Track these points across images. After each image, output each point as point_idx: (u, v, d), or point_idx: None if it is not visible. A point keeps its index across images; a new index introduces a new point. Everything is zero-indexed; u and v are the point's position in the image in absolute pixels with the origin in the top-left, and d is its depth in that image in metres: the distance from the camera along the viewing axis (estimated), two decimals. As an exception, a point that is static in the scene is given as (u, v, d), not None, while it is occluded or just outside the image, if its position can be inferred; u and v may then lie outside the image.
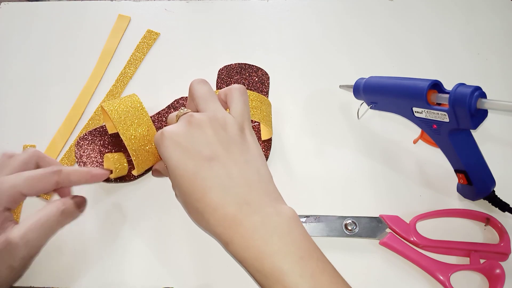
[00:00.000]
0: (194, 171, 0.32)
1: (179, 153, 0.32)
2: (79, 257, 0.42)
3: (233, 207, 0.31)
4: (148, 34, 0.58)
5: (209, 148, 0.33)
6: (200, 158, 0.32)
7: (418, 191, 0.46)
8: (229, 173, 0.32)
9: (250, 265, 0.30)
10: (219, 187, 0.31)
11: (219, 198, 0.31)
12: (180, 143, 0.33)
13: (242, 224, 0.30)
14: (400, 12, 0.61)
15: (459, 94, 0.36)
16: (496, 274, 0.39)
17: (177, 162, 0.32)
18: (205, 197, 0.31)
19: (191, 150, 0.32)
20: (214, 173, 0.32)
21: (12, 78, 0.55)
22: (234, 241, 0.30)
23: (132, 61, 0.56)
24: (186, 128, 0.34)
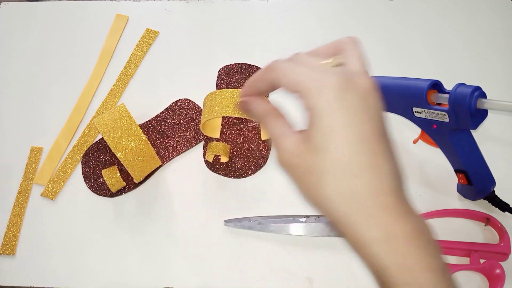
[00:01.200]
0: (361, 142, 0.26)
1: (346, 111, 0.26)
2: (79, 257, 0.42)
3: (394, 199, 0.26)
4: (148, 33, 0.58)
5: (379, 123, 0.27)
6: (372, 128, 0.27)
7: (418, 191, 0.46)
8: (392, 159, 0.27)
9: (398, 273, 0.25)
10: (382, 171, 0.26)
11: (384, 183, 0.26)
12: (349, 100, 0.26)
13: (403, 221, 0.25)
14: (400, 12, 0.61)
15: (459, 94, 0.36)
16: (496, 274, 0.39)
17: (342, 122, 0.26)
18: (364, 176, 0.26)
19: (361, 115, 0.26)
20: (382, 152, 0.27)
21: (12, 77, 0.55)
22: (389, 239, 0.25)
23: (132, 60, 0.56)
24: (358, 84, 0.27)
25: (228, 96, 0.44)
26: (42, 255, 0.43)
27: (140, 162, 0.43)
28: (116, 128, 0.42)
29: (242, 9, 0.62)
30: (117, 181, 0.44)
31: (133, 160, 0.43)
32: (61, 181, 0.47)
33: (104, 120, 0.43)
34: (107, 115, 0.43)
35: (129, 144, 0.42)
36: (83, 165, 0.47)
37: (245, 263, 0.42)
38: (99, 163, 0.47)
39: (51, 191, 0.46)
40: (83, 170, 0.47)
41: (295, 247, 0.42)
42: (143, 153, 0.43)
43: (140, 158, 0.43)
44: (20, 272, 0.42)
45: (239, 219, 0.43)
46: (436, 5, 0.62)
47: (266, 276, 0.41)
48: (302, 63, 0.30)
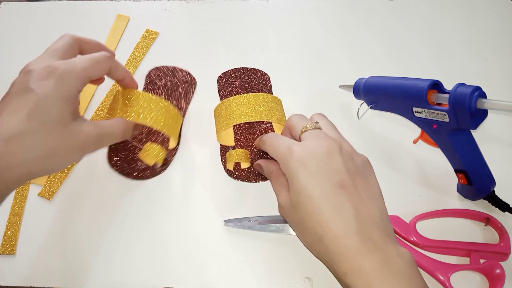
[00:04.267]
0: (322, 195, 0.32)
1: (308, 175, 0.32)
2: (79, 257, 0.42)
3: (357, 239, 0.30)
4: (147, 34, 0.58)
5: (338, 176, 0.32)
6: (329, 183, 0.32)
7: (418, 191, 0.46)
8: (355, 204, 0.31)
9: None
10: (345, 216, 0.31)
11: (344, 227, 0.30)
12: (308, 165, 0.33)
13: (366, 258, 0.29)
14: (400, 12, 0.61)
15: (459, 94, 0.36)
16: (496, 274, 0.39)
17: (305, 183, 0.32)
18: (329, 223, 0.31)
19: (320, 174, 0.32)
20: (342, 201, 0.31)
21: (12, 78, 0.55)
22: (354, 274, 0.29)
23: (132, 61, 0.56)
24: (315, 151, 0.33)
25: (244, 101, 0.45)
26: (42, 255, 0.43)
27: (171, 122, 0.45)
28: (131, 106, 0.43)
29: (242, 9, 0.62)
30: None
31: (165, 122, 0.44)
32: (59, 181, 0.47)
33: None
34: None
35: (150, 111, 0.43)
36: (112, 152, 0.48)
37: (245, 263, 0.42)
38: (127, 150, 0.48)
39: (48, 191, 0.46)
40: (113, 158, 0.48)
41: (295, 247, 0.42)
42: (168, 112, 0.45)
43: (169, 119, 0.45)
44: (20, 272, 0.42)
45: (239, 219, 0.43)
46: (436, 5, 0.62)
47: (266, 276, 0.41)
48: (278, 138, 0.38)
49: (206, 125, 0.51)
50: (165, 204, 0.45)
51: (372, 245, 0.30)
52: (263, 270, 0.41)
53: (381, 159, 0.48)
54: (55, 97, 0.34)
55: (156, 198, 0.46)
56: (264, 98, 0.46)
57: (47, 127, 0.33)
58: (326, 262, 0.32)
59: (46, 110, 0.33)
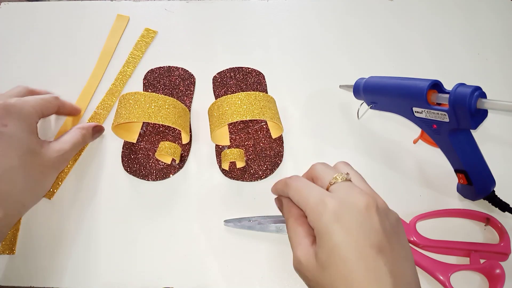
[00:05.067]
0: (358, 257, 0.28)
1: (343, 233, 0.29)
2: (79, 257, 0.42)
3: None
4: (146, 33, 0.58)
5: (377, 237, 0.29)
6: (367, 245, 0.29)
7: (418, 191, 0.46)
8: (393, 271, 0.28)
9: None
10: (382, 284, 0.28)
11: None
12: (345, 222, 0.29)
13: None
14: (400, 12, 0.61)
15: (459, 94, 0.36)
16: (496, 274, 0.39)
17: (341, 242, 0.29)
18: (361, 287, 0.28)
19: (358, 233, 0.29)
20: (379, 266, 0.28)
21: (12, 78, 0.55)
22: None
23: (131, 60, 0.56)
24: (353, 206, 0.30)
25: (236, 100, 0.45)
26: (42, 255, 0.43)
27: (181, 118, 0.46)
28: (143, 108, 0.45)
29: (242, 9, 0.62)
30: (176, 149, 0.47)
31: (175, 118, 0.46)
32: (59, 180, 0.47)
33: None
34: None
35: (159, 110, 0.45)
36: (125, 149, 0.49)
37: (245, 263, 0.42)
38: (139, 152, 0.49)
39: (49, 191, 0.46)
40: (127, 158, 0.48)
41: (295, 247, 0.42)
42: (176, 107, 0.47)
43: (178, 114, 0.46)
44: (20, 272, 0.42)
45: (239, 219, 0.43)
46: (436, 5, 0.62)
47: (266, 276, 0.41)
48: (308, 184, 0.33)
49: (206, 125, 0.51)
50: (165, 204, 0.45)
51: None
52: (263, 270, 0.41)
53: (381, 159, 0.48)
54: (21, 132, 0.38)
55: (156, 199, 0.46)
56: (256, 97, 0.46)
57: (25, 161, 0.37)
58: None
59: (19, 146, 0.37)
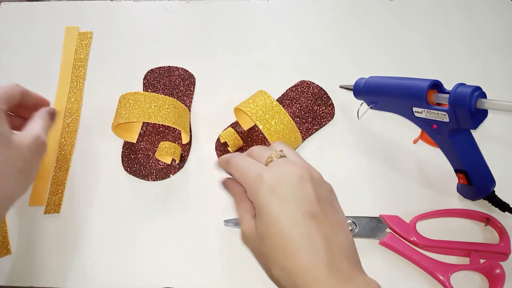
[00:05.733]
0: (292, 226, 0.30)
1: (278, 204, 0.31)
2: (79, 257, 0.42)
3: (326, 272, 0.29)
4: (81, 35, 0.58)
5: (310, 205, 0.31)
6: (300, 213, 0.30)
7: (418, 191, 0.46)
8: (325, 235, 0.30)
9: None
10: (315, 248, 0.30)
11: (313, 259, 0.29)
12: (279, 193, 0.31)
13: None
14: (400, 12, 0.61)
15: (459, 94, 0.36)
16: (496, 274, 0.39)
17: (276, 213, 0.30)
18: (299, 256, 0.29)
19: (292, 203, 0.31)
20: (312, 232, 0.30)
21: (12, 78, 0.55)
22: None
23: (80, 64, 0.56)
24: (287, 178, 0.32)
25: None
26: (42, 255, 0.43)
27: (181, 118, 0.46)
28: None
29: (242, 9, 0.62)
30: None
31: (175, 118, 0.45)
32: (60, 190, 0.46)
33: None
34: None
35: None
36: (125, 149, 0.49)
37: (245, 263, 0.42)
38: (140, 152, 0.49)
39: (54, 205, 0.45)
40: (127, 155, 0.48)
41: (295, 247, 0.42)
42: (176, 107, 0.46)
43: (178, 114, 0.46)
44: (20, 272, 0.42)
45: (239, 219, 0.43)
46: (436, 5, 0.62)
47: (266, 276, 0.41)
48: (246, 161, 0.35)
49: (206, 125, 0.51)
50: (165, 204, 0.45)
51: (341, 276, 0.29)
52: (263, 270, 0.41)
53: (381, 159, 0.48)
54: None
55: (156, 199, 0.46)
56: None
57: (3, 152, 0.35)
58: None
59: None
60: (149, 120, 0.44)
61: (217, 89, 0.54)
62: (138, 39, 0.58)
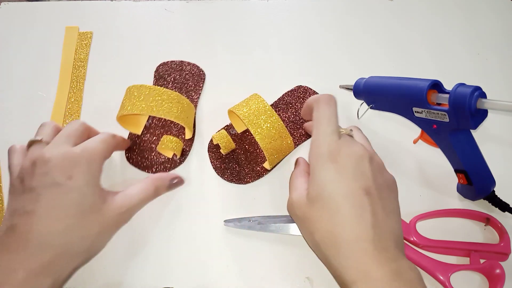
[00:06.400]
0: (345, 194, 0.31)
1: (336, 171, 0.32)
2: (79, 257, 0.42)
3: (373, 247, 0.29)
4: (81, 36, 0.58)
5: (366, 182, 0.32)
6: (355, 186, 0.31)
7: (418, 191, 0.46)
8: (376, 213, 0.31)
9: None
10: (364, 222, 0.30)
11: (361, 232, 0.30)
12: (340, 163, 0.32)
13: (379, 267, 0.29)
14: (400, 12, 0.61)
15: (459, 94, 0.36)
16: (496, 274, 0.39)
17: (332, 179, 0.31)
18: (347, 225, 0.30)
19: (349, 174, 0.31)
20: (364, 205, 0.31)
21: (12, 78, 0.55)
22: (364, 282, 0.28)
23: (80, 64, 0.56)
24: (349, 153, 0.33)
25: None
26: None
27: (184, 113, 0.46)
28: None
29: (242, 9, 0.62)
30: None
31: (178, 113, 0.45)
32: None
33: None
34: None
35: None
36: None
37: (245, 263, 0.42)
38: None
39: None
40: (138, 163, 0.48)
41: (295, 247, 0.42)
42: (180, 102, 0.46)
43: (182, 109, 0.46)
44: (20, 272, 0.42)
45: (239, 219, 0.43)
46: (436, 5, 0.62)
47: (266, 276, 0.41)
48: (331, 119, 0.35)
49: (211, 121, 0.51)
50: (165, 204, 0.45)
51: (386, 254, 0.29)
52: (263, 270, 0.41)
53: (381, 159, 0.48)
54: (86, 186, 0.33)
55: (156, 199, 0.46)
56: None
57: (85, 219, 0.33)
58: (333, 266, 0.30)
59: (81, 202, 0.33)
60: (151, 114, 0.44)
61: (217, 89, 0.54)
62: (138, 39, 0.58)
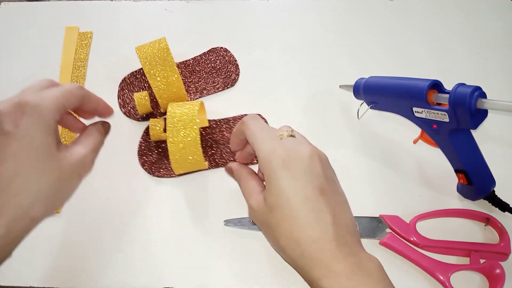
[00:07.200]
0: (302, 198, 0.32)
1: (289, 176, 0.32)
2: (79, 257, 0.42)
3: (334, 244, 0.31)
4: (81, 36, 0.58)
5: (319, 181, 0.33)
6: (310, 188, 0.32)
7: (418, 191, 0.46)
8: (333, 211, 0.32)
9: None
10: (323, 221, 0.31)
11: (321, 231, 0.31)
12: (292, 168, 0.33)
13: (341, 262, 0.30)
14: (400, 12, 0.61)
15: (459, 94, 0.36)
16: (496, 274, 0.39)
17: (286, 186, 0.32)
18: (308, 227, 0.31)
19: (302, 178, 0.32)
20: (321, 206, 0.32)
21: (12, 78, 0.55)
22: (329, 277, 0.30)
23: (80, 64, 0.56)
24: (299, 155, 0.34)
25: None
26: (42, 255, 0.43)
27: (170, 94, 0.48)
28: (154, 58, 0.46)
29: (242, 9, 0.62)
30: (145, 106, 0.49)
31: (163, 91, 0.47)
32: None
33: (144, 48, 0.47)
34: (148, 45, 0.48)
35: (163, 75, 0.46)
36: (120, 89, 0.53)
37: (245, 263, 0.42)
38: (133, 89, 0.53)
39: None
40: (119, 93, 0.53)
41: (295, 247, 0.42)
42: (174, 85, 0.47)
43: (171, 90, 0.47)
44: (20, 272, 0.42)
45: (239, 219, 0.44)
46: (436, 5, 0.62)
47: (266, 276, 0.41)
48: (263, 130, 0.36)
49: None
50: (165, 204, 0.45)
51: (347, 249, 0.31)
52: (263, 270, 0.41)
53: (381, 159, 0.48)
54: (36, 133, 0.32)
55: (156, 199, 0.46)
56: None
57: (39, 164, 0.32)
58: (300, 267, 0.32)
59: (31, 149, 0.32)
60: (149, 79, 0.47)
61: (217, 89, 0.54)
62: (138, 39, 0.58)
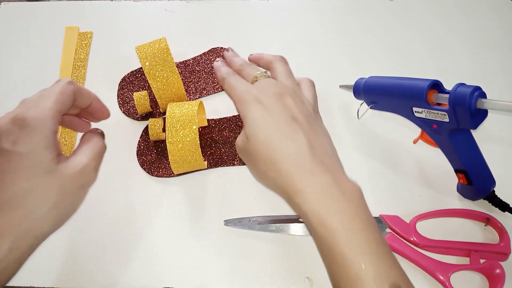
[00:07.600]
0: (276, 125, 0.33)
1: (262, 109, 0.34)
2: (79, 257, 0.42)
3: (310, 159, 0.32)
4: (81, 36, 0.58)
5: (291, 112, 0.34)
6: (282, 116, 0.34)
7: (418, 191, 0.46)
8: (307, 134, 0.33)
9: (313, 218, 0.30)
10: (298, 141, 0.33)
11: (296, 149, 0.32)
12: (263, 102, 0.35)
13: (317, 176, 0.31)
14: (400, 12, 0.61)
15: (459, 94, 0.36)
16: (496, 274, 0.39)
17: (260, 116, 0.34)
18: (282, 147, 0.33)
19: (274, 109, 0.34)
20: (295, 130, 0.33)
21: (12, 78, 0.55)
22: (304, 192, 0.31)
23: (80, 64, 0.56)
24: (269, 91, 0.36)
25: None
26: (42, 255, 0.43)
27: (169, 94, 0.48)
28: (154, 58, 0.46)
29: (242, 8, 0.62)
30: (145, 105, 0.49)
31: (163, 91, 0.47)
32: None
33: (144, 48, 0.47)
34: (148, 44, 0.48)
35: (163, 75, 0.46)
36: (119, 88, 0.53)
37: (245, 263, 0.42)
38: (133, 88, 0.53)
39: None
40: (119, 93, 0.53)
41: (295, 247, 0.42)
42: (173, 85, 0.47)
43: (171, 90, 0.47)
44: (20, 272, 0.42)
45: (239, 219, 0.44)
46: (436, 5, 0.62)
47: (266, 276, 0.41)
48: (236, 79, 0.39)
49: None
50: (165, 204, 0.45)
51: (323, 166, 0.32)
52: (263, 270, 0.41)
53: (381, 159, 0.48)
54: (34, 149, 0.31)
55: (156, 199, 0.46)
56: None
57: (40, 180, 0.31)
58: (278, 185, 0.33)
59: (31, 165, 0.31)
60: (150, 79, 0.46)
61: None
62: (138, 39, 0.58)
